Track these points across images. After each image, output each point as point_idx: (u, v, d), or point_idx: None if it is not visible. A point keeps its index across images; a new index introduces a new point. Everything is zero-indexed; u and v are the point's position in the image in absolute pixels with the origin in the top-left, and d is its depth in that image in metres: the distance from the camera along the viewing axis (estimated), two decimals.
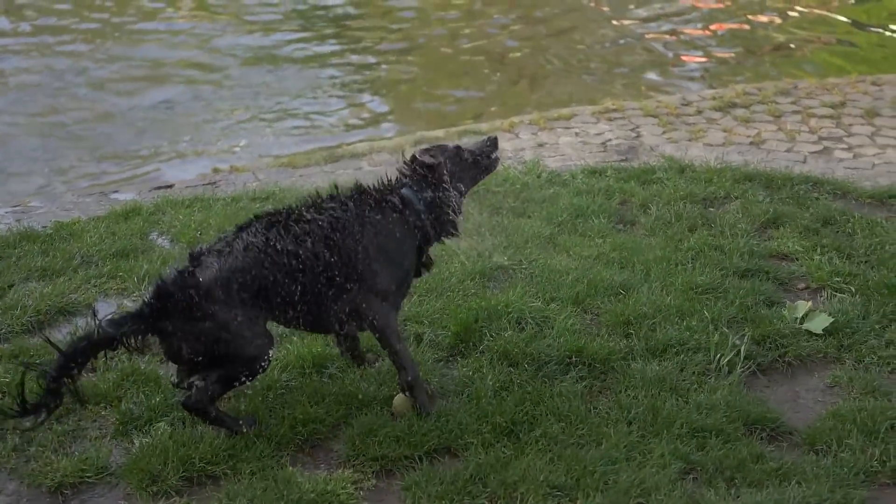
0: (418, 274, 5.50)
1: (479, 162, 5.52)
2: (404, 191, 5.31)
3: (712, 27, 15.21)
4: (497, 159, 5.61)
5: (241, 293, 4.87)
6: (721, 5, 16.35)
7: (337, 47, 14.20)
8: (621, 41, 14.62)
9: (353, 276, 5.10)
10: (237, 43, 14.16)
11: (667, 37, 14.79)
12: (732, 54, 13.86)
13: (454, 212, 5.34)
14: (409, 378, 5.27)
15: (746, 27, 15.30)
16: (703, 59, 13.90)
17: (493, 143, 5.56)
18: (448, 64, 13.64)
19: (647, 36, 14.83)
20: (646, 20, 15.62)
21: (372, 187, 5.33)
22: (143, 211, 7.85)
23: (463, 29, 15.04)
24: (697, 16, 15.86)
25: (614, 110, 10.82)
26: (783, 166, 8.99)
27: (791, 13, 16.04)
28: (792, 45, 14.37)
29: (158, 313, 4.77)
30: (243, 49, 13.93)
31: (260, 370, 5.01)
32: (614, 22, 15.53)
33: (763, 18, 15.71)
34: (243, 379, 5.00)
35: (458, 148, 5.49)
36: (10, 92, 12.19)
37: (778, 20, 15.67)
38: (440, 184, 5.32)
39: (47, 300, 6.35)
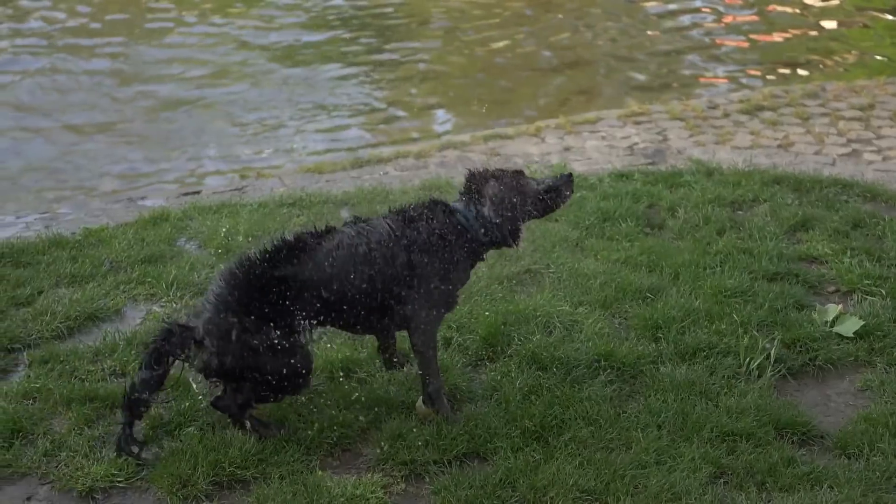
0: None
1: (543, 197, 5.43)
2: (454, 205, 5.34)
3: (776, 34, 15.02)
4: (566, 198, 5.52)
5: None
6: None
7: (370, 53, 14.15)
8: (671, 45, 14.51)
9: (406, 290, 5.15)
10: (264, 49, 14.16)
11: (732, 43, 14.61)
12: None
13: (508, 232, 5.33)
14: (433, 388, 5.29)
15: (813, 33, 15.08)
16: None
17: (566, 182, 5.48)
18: (484, 68, 13.57)
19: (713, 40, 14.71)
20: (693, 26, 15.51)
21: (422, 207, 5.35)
22: (170, 217, 7.87)
23: (503, 34, 14.95)
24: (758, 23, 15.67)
25: (640, 114, 10.79)
26: (812, 169, 8.95)
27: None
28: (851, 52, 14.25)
29: None
30: (270, 55, 13.93)
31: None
32: (664, 23, 15.40)
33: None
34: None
35: (517, 174, 5.42)
36: (36, 98, 12.23)
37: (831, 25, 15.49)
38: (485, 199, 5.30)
39: (77, 306, 6.38)
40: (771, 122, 10.46)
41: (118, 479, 4.90)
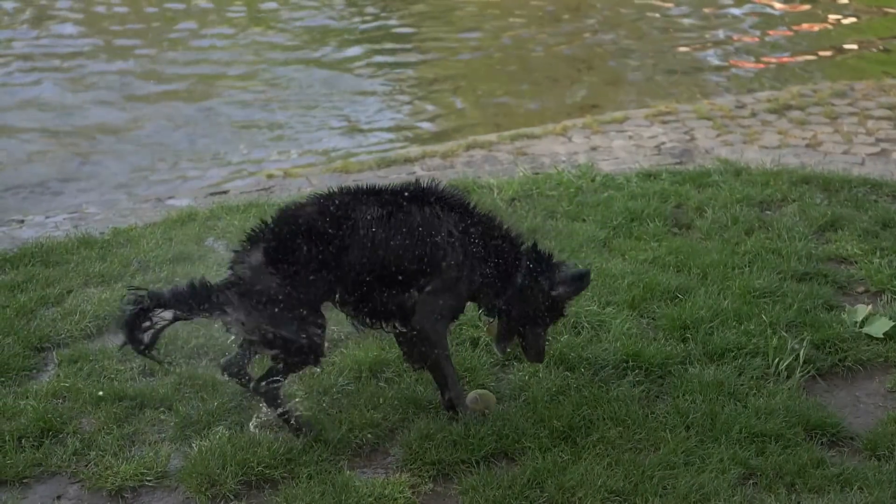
0: None
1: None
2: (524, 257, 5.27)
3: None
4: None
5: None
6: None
7: (395, 49, 14.18)
8: (688, 45, 14.48)
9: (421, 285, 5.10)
10: (291, 51, 14.20)
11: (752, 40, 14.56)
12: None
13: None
14: (453, 395, 5.28)
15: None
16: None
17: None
18: (511, 69, 13.56)
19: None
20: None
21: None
22: (198, 217, 7.90)
23: (530, 35, 14.92)
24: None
25: (667, 113, 10.76)
26: (840, 168, 8.90)
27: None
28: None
29: None
30: (297, 57, 13.96)
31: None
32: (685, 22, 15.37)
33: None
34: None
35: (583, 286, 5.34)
36: (65, 100, 12.30)
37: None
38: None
39: (105, 305, 6.40)
40: (799, 122, 10.40)
41: (147, 479, 4.92)
